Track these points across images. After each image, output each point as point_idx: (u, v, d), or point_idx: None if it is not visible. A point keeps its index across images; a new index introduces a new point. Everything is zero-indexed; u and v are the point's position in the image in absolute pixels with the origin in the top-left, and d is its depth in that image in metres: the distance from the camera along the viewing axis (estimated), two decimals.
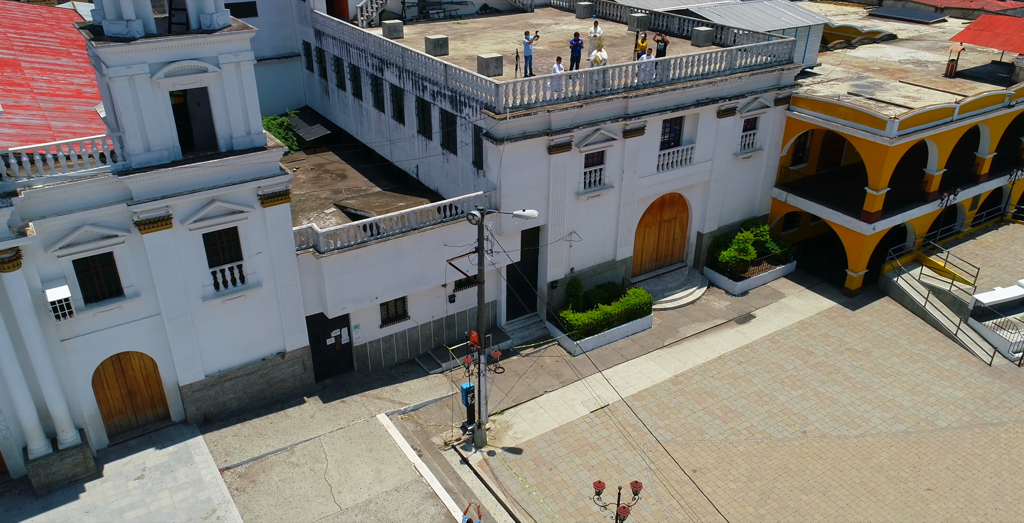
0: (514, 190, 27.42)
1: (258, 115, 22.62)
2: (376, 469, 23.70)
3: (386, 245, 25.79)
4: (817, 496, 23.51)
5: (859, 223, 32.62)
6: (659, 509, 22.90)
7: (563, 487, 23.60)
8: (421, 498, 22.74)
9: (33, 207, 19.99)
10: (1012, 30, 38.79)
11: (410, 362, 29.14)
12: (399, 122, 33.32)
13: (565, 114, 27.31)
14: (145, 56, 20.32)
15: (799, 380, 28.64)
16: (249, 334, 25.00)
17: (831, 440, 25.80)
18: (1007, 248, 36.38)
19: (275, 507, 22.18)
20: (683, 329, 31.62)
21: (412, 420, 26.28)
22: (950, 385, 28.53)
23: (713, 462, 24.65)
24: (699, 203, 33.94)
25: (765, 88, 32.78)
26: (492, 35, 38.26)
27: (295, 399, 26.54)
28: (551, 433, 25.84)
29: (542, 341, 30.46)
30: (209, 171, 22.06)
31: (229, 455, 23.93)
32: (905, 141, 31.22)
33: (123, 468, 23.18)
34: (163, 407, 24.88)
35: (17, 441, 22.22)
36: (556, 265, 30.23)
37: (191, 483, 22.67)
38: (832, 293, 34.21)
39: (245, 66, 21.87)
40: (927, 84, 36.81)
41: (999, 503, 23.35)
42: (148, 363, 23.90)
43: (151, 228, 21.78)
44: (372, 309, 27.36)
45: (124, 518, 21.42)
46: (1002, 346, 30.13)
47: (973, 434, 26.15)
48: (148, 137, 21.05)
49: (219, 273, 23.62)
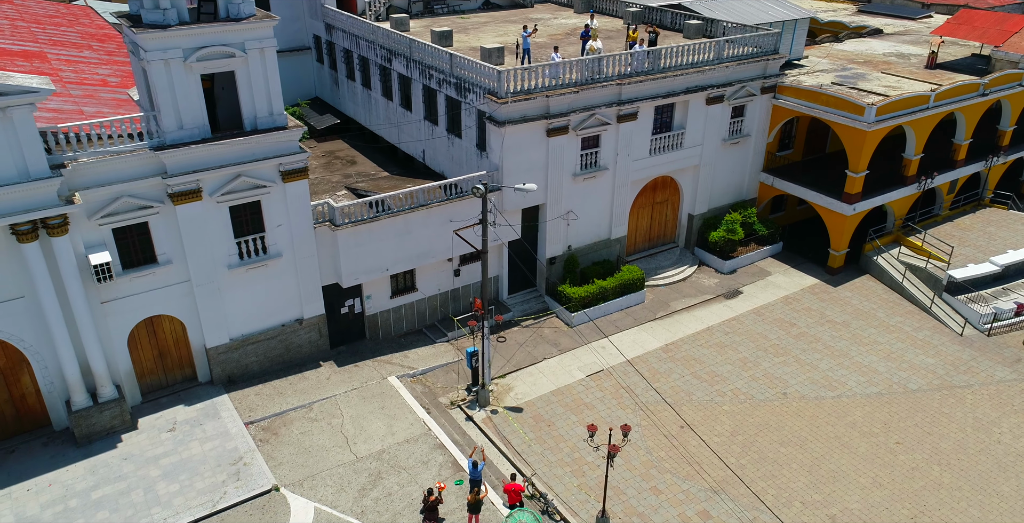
0: (515, 170, 29.40)
1: (280, 97, 24.65)
2: (388, 424, 25.73)
3: (396, 220, 27.80)
4: (794, 448, 25.51)
5: (840, 204, 34.63)
6: (648, 459, 24.90)
7: (560, 441, 25.60)
8: (430, 448, 24.77)
9: (78, 179, 22.01)
10: (989, 24, 40.79)
11: (418, 332, 31.16)
12: (406, 109, 35.34)
13: (563, 99, 29.32)
14: (179, 42, 22.35)
15: (781, 348, 30.64)
16: (270, 301, 27.02)
17: (809, 401, 27.80)
18: (983, 230, 38.36)
19: (296, 456, 24.21)
20: (674, 303, 33.63)
21: (420, 383, 28.29)
22: (923, 353, 30.52)
23: (699, 419, 26.63)
24: (690, 186, 35.94)
25: (752, 77, 34.78)
26: (494, 28, 40.31)
27: (312, 363, 28.56)
28: (549, 394, 27.83)
29: (541, 313, 32.47)
30: (236, 148, 24.09)
31: (252, 411, 25.96)
32: (882, 126, 33.21)
33: (156, 422, 25.22)
34: (191, 368, 26.91)
35: (60, 395, 24.25)
36: (555, 242, 32.23)
37: (219, 435, 24.70)
38: (816, 271, 36.21)
39: (268, 52, 23.90)
40: (908, 75, 38.77)
41: (962, 454, 25.35)
42: (178, 326, 25.92)
43: (183, 200, 23.81)
44: (383, 281, 29.37)
45: (159, 464, 23.45)
46: (973, 318, 32.12)
47: (941, 395, 28.14)
48: (181, 116, 23.08)
49: (243, 243, 25.65)
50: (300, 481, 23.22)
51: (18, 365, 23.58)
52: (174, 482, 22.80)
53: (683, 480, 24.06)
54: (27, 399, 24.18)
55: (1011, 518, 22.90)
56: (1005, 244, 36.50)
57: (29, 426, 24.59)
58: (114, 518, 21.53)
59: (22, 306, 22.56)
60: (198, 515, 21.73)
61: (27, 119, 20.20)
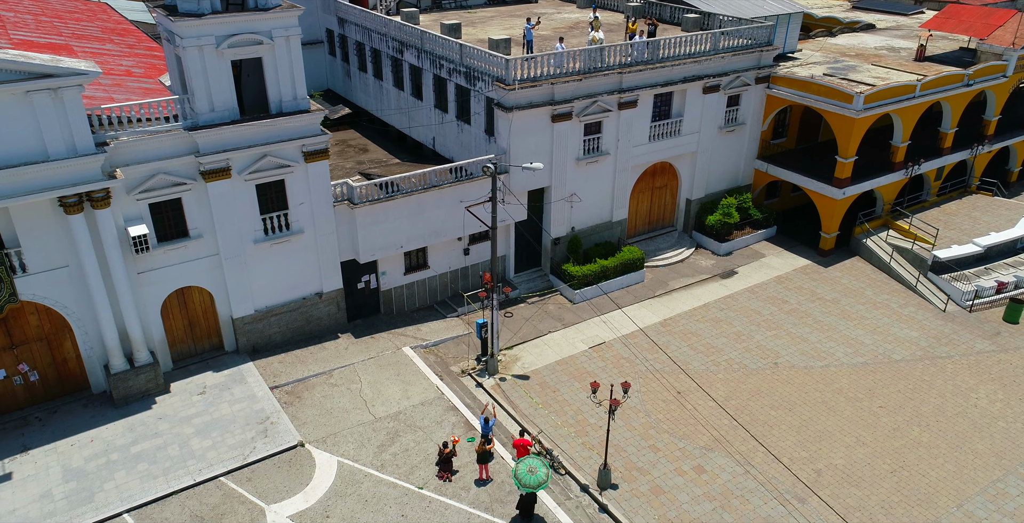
0: (522, 154, 31.11)
1: (303, 83, 26.42)
2: (403, 389, 27.49)
3: (410, 200, 29.55)
4: (784, 412, 27.25)
5: (831, 188, 36.37)
6: (647, 421, 26.64)
7: (564, 405, 27.34)
8: (443, 410, 26.53)
9: (119, 156, 23.77)
10: (975, 18, 42.49)
11: (429, 307, 32.92)
12: (417, 98, 37.10)
13: (566, 87, 31.07)
14: (212, 29, 24.12)
15: (774, 323, 32.38)
16: (292, 275, 28.78)
17: (799, 370, 29.54)
18: (968, 214, 40.08)
19: (319, 416, 25.97)
20: (672, 283, 35.38)
21: (433, 353, 30.04)
22: (907, 327, 32.25)
23: (695, 386, 28.34)
24: (687, 172, 37.69)
25: (746, 68, 36.52)
26: (500, 22, 42.09)
27: (330, 335, 30.32)
28: (554, 364, 29.58)
29: (546, 291, 34.22)
30: (262, 129, 25.86)
31: (276, 377, 27.73)
32: (870, 114, 34.93)
33: (187, 386, 26.99)
34: (218, 338, 28.67)
35: (99, 359, 26.02)
36: (559, 224, 33.98)
37: (246, 398, 26.47)
38: (808, 253, 37.94)
39: (293, 40, 25.66)
40: (897, 67, 40.49)
41: (940, 417, 27.08)
42: (207, 297, 27.68)
43: (214, 178, 25.58)
44: (397, 257, 31.13)
45: (192, 423, 25.23)
46: (955, 295, 33.86)
47: (923, 365, 29.87)
48: (213, 99, 24.86)
49: (268, 220, 27.41)
50: (323, 438, 24.99)
51: (61, 331, 25.37)
52: (207, 438, 24.58)
53: (679, 439, 25.80)
54: (68, 363, 25.95)
55: (984, 472, 24.63)
56: (989, 227, 38.19)
57: (70, 389, 26.37)
58: (153, 469, 23.30)
59: (66, 275, 24.34)
60: (230, 467, 23.50)
61: (76, 99, 21.97)
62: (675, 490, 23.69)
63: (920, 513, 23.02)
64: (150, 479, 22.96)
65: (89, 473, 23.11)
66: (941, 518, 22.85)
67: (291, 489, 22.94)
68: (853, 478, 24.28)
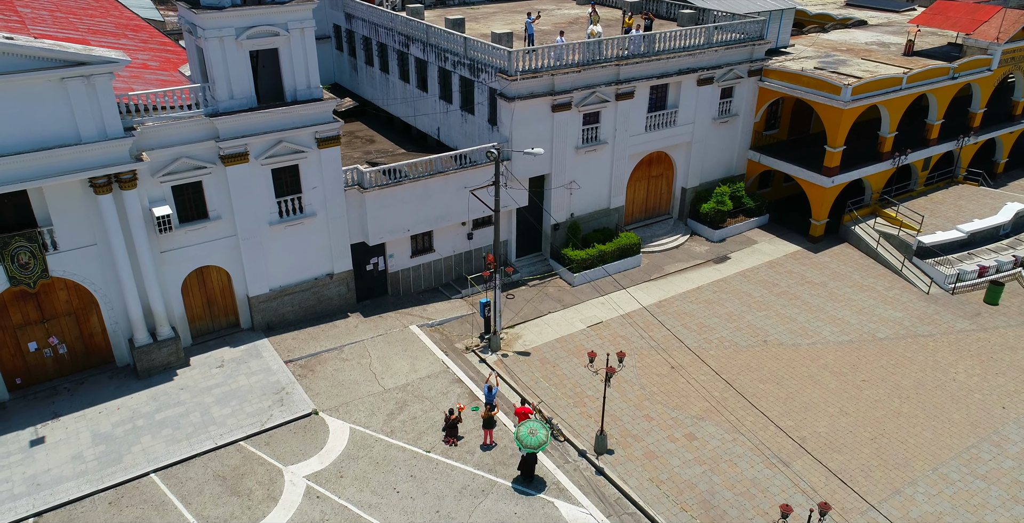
0: (523, 143, 32.56)
1: (316, 72, 27.91)
2: (411, 363, 28.99)
3: (416, 185, 31.03)
4: (772, 385, 28.73)
5: (820, 177, 37.85)
6: (642, 393, 28.13)
7: (564, 379, 28.83)
8: (448, 382, 28.03)
9: (145, 141, 25.27)
10: (961, 14, 43.96)
11: (434, 289, 34.41)
12: (422, 90, 38.59)
13: (566, 78, 32.56)
14: (232, 22, 25.62)
15: (764, 304, 33.86)
16: (305, 256, 30.27)
17: (787, 347, 31.02)
18: (954, 203, 41.55)
19: (331, 387, 27.48)
20: (667, 267, 36.87)
21: (438, 331, 31.53)
22: (892, 308, 33.73)
23: (688, 362, 29.82)
24: (683, 161, 39.17)
25: (739, 61, 37.99)
26: (502, 18, 43.60)
27: (340, 314, 31.82)
28: (554, 342, 31.06)
29: (546, 274, 35.71)
30: (278, 116, 27.35)
31: (291, 352, 29.23)
32: (857, 105, 36.41)
33: (206, 360, 28.49)
34: (234, 316, 30.17)
35: (124, 334, 27.53)
36: (559, 210, 35.46)
37: (262, 370, 27.97)
38: (799, 240, 39.42)
39: (308, 32, 27.16)
40: (886, 61, 41.93)
41: (919, 390, 28.56)
42: (224, 276, 29.18)
43: (232, 162, 27.07)
44: (404, 241, 32.62)
45: (212, 393, 26.74)
46: (939, 278, 35.33)
47: (906, 343, 31.35)
48: (232, 87, 26.35)
49: (283, 203, 28.91)
50: (336, 407, 26.49)
51: (88, 306, 26.86)
52: (226, 407, 26.09)
53: (672, 410, 27.29)
54: (95, 337, 27.45)
55: (959, 439, 26.11)
56: (973, 215, 39.66)
57: (95, 362, 27.87)
58: (176, 434, 24.81)
59: (94, 253, 25.85)
60: (249, 432, 25.02)
61: (107, 86, 23.49)
62: (667, 455, 25.18)
63: (897, 475, 24.50)
64: (174, 443, 24.47)
65: (117, 437, 24.63)
66: (917, 479, 24.34)
67: (307, 452, 24.45)
68: (835, 444, 25.77)
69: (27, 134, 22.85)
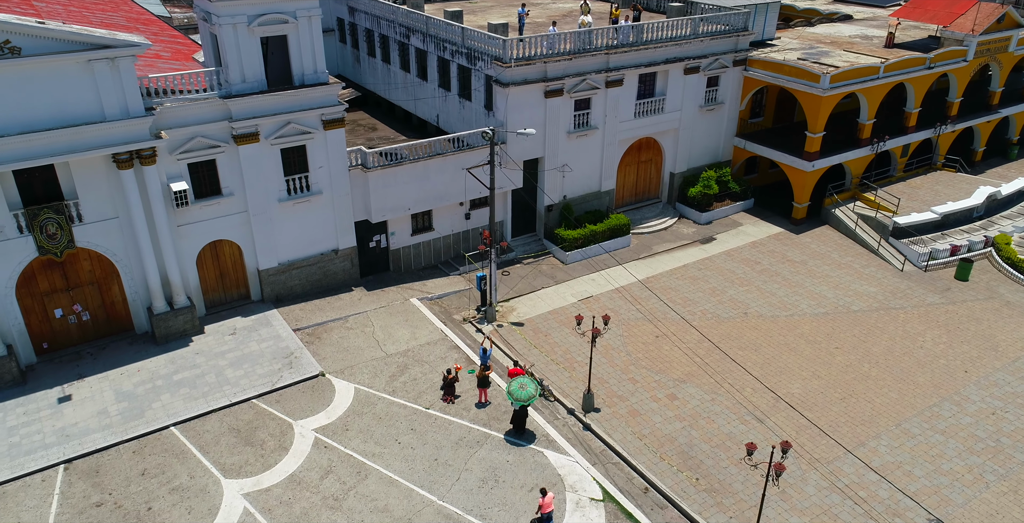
0: (518, 126, 34.30)
1: (323, 58, 29.77)
2: (411, 331, 30.87)
3: (417, 166, 32.91)
4: (750, 352, 30.60)
5: (801, 162, 39.73)
6: (628, 359, 30.00)
7: (555, 347, 30.70)
8: (447, 348, 29.92)
9: (164, 120, 27.16)
10: (939, 7, 45.79)
11: (434, 266, 36.29)
12: (422, 79, 40.48)
13: (558, 65, 34.44)
14: (245, 9, 27.49)
15: (746, 280, 35.73)
16: (311, 232, 32.15)
17: (766, 318, 32.89)
18: (931, 188, 43.42)
19: (337, 352, 29.36)
20: (656, 247, 38.75)
21: (437, 304, 33.41)
22: (867, 284, 35.60)
23: (671, 332, 31.69)
24: (671, 147, 41.04)
25: (724, 51, 39.86)
26: (498, 11, 45.49)
27: (345, 288, 33.69)
28: (547, 314, 32.94)
29: (540, 253, 37.58)
30: (287, 99, 29.24)
31: (298, 321, 31.11)
32: (836, 92, 38.29)
33: (219, 328, 30.38)
34: (245, 288, 32.05)
35: (143, 302, 29.42)
36: (552, 192, 37.34)
37: (272, 337, 29.85)
38: (782, 223, 41.30)
39: (315, 19, 29.03)
40: (867, 53, 43.78)
41: (888, 356, 30.43)
42: (236, 250, 31.05)
43: (244, 141, 28.95)
44: (405, 219, 34.50)
45: (225, 357, 28.62)
46: (912, 256, 37.21)
47: (878, 315, 33.22)
48: (244, 71, 28.23)
49: (291, 181, 30.78)
50: (342, 370, 28.37)
51: (110, 276, 28.74)
52: (239, 369, 27.97)
53: (656, 373, 29.16)
54: (115, 305, 29.33)
55: (922, 399, 27.98)
56: (949, 199, 41.50)
57: (116, 330, 29.75)
58: (193, 392, 26.69)
59: (116, 225, 27.72)
60: (261, 391, 26.91)
61: (130, 68, 25.37)
62: (650, 413, 27.05)
63: (863, 430, 26.37)
64: (191, 400, 26.36)
65: (138, 395, 26.51)
66: (881, 434, 26.22)
67: (315, 409, 26.33)
68: (807, 403, 27.63)
69: (56, 112, 24.74)
